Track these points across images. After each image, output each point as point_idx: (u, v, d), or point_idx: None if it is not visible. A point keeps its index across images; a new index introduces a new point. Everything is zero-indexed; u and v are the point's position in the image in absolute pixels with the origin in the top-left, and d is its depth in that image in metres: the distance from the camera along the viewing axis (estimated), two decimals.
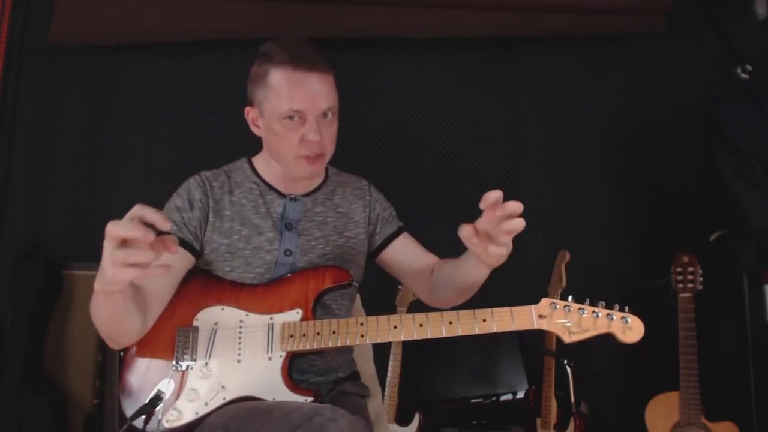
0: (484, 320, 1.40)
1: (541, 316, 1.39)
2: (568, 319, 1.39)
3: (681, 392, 2.35)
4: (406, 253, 1.72)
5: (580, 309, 1.39)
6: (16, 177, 2.85)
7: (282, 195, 1.62)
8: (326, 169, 1.73)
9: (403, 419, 2.61)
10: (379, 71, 3.06)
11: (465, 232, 1.37)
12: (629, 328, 1.39)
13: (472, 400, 2.71)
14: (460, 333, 1.40)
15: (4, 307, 2.69)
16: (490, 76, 3.11)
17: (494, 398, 2.71)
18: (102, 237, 1.20)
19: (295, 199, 1.62)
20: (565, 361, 2.50)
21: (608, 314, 1.39)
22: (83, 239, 2.89)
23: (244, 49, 3.01)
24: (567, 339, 1.38)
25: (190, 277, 1.55)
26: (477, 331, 1.40)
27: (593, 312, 1.39)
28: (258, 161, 1.69)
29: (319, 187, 1.68)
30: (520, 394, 2.65)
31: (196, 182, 1.60)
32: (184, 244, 1.52)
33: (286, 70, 1.48)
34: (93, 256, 3.05)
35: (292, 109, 1.48)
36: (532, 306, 1.41)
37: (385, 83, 3.06)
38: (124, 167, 2.95)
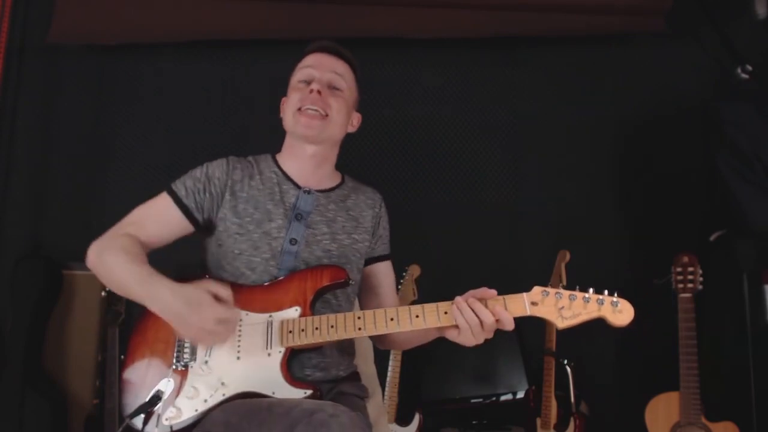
0: None
1: (533, 303, 1.41)
2: (560, 305, 1.41)
3: (681, 392, 2.35)
4: (384, 278, 1.78)
5: (570, 295, 1.41)
6: (17, 177, 2.85)
7: (297, 187, 1.68)
8: (343, 176, 1.79)
9: (403, 419, 2.61)
10: (380, 71, 3.06)
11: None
12: (619, 311, 1.39)
13: (472, 400, 2.71)
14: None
15: (4, 307, 2.69)
16: (490, 76, 3.11)
17: (494, 398, 2.71)
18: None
19: (309, 192, 1.67)
20: (565, 361, 2.50)
21: (598, 299, 1.41)
22: (83, 239, 2.87)
23: (244, 49, 3.03)
24: (560, 324, 1.40)
25: (191, 280, 1.56)
26: None
27: (584, 297, 1.40)
28: (280, 156, 1.76)
29: (333, 188, 1.73)
30: (520, 394, 2.65)
31: (221, 163, 1.68)
32: (186, 210, 1.61)
33: (310, 53, 1.73)
34: None
35: (305, 66, 1.69)
36: (525, 293, 1.43)
37: (385, 83, 3.06)
38: (124, 167, 2.95)
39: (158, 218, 1.60)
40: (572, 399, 2.47)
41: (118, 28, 2.83)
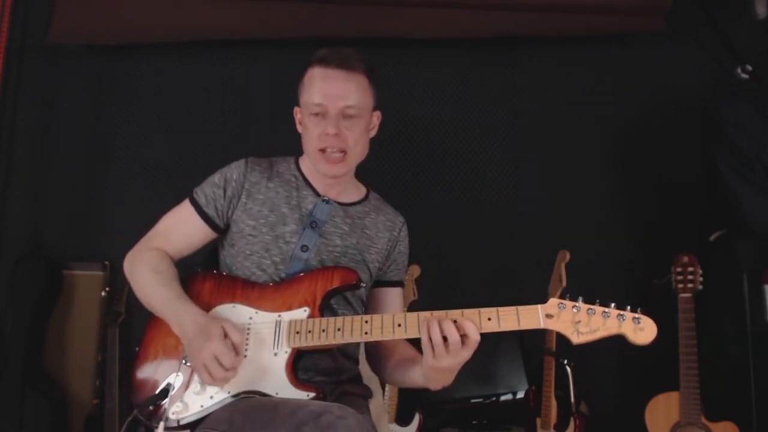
0: (489, 319, 1.35)
1: (548, 316, 1.34)
2: (576, 319, 1.33)
3: (681, 392, 2.35)
4: (390, 306, 1.73)
5: (589, 309, 1.33)
6: (17, 177, 2.85)
7: (317, 194, 1.67)
8: (368, 192, 1.77)
9: (403, 419, 2.61)
10: (380, 71, 3.05)
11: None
12: (641, 329, 1.32)
13: (472, 400, 2.71)
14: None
15: (4, 307, 2.69)
16: (490, 76, 3.10)
17: (494, 398, 2.71)
18: (102, 237, 1.22)
19: (327, 201, 1.66)
20: (565, 361, 2.50)
21: (619, 314, 1.32)
22: (83, 239, 2.89)
23: (244, 49, 3.03)
24: (576, 340, 1.33)
25: (204, 278, 1.61)
26: (482, 330, 1.36)
27: (603, 312, 1.32)
28: (302, 160, 1.74)
29: (354, 203, 1.71)
30: (520, 394, 2.65)
31: (238, 164, 1.68)
32: (207, 218, 1.63)
33: (320, 66, 1.59)
34: (93, 256, 3.07)
35: (314, 102, 1.57)
36: (540, 305, 1.35)
37: (385, 83, 3.05)
38: (124, 167, 2.95)
39: (182, 229, 1.64)
40: (572, 399, 2.46)
41: (118, 28, 2.83)
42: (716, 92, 2.81)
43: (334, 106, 1.56)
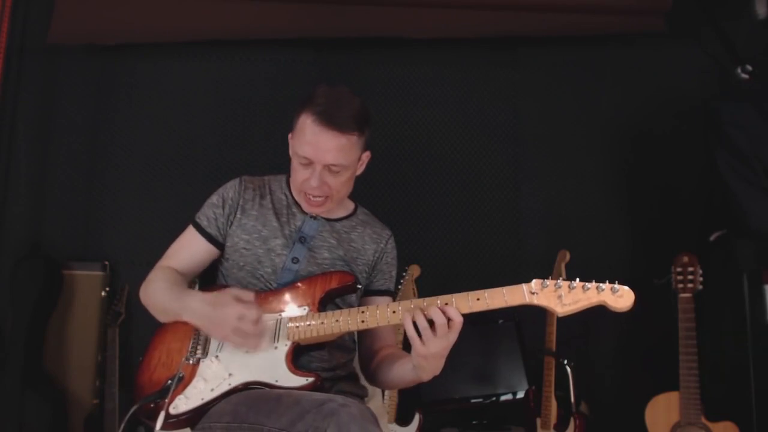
0: (478, 299, 1.43)
1: (532, 293, 1.42)
2: (559, 294, 1.41)
3: (681, 392, 2.35)
4: None
5: (570, 284, 1.41)
6: (16, 176, 2.85)
7: (304, 212, 1.73)
8: (356, 208, 1.82)
9: (403, 419, 2.61)
10: (380, 71, 3.06)
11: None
12: (620, 296, 1.39)
13: (472, 400, 2.71)
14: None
15: (4, 307, 2.69)
16: (490, 76, 3.11)
17: (494, 398, 2.71)
18: (102, 237, 1.22)
19: (315, 218, 1.72)
20: (565, 361, 2.50)
21: (597, 286, 1.40)
22: (83, 239, 2.89)
23: (244, 49, 3.03)
24: (560, 310, 1.40)
25: (210, 290, 1.66)
26: (471, 309, 1.43)
27: (583, 286, 1.40)
28: (292, 180, 1.77)
29: (341, 219, 1.77)
30: (520, 394, 2.65)
31: (234, 183, 1.76)
32: (210, 237, 1.71)
33: (311, 119, 1.58)
34: (93, 256, 3.07)
35: (302, 154, 1.61)
36: (524, 284, 1.43)
37: (385, 83, 3.06)
38: (124, 167, 2.95)
39: (188, 249, 1.72)
40: (572, 399, 2.47)
41: (118, 28, 2.83)
42: (716, 92, 2.81)
43: (320, 161, 1.60)
